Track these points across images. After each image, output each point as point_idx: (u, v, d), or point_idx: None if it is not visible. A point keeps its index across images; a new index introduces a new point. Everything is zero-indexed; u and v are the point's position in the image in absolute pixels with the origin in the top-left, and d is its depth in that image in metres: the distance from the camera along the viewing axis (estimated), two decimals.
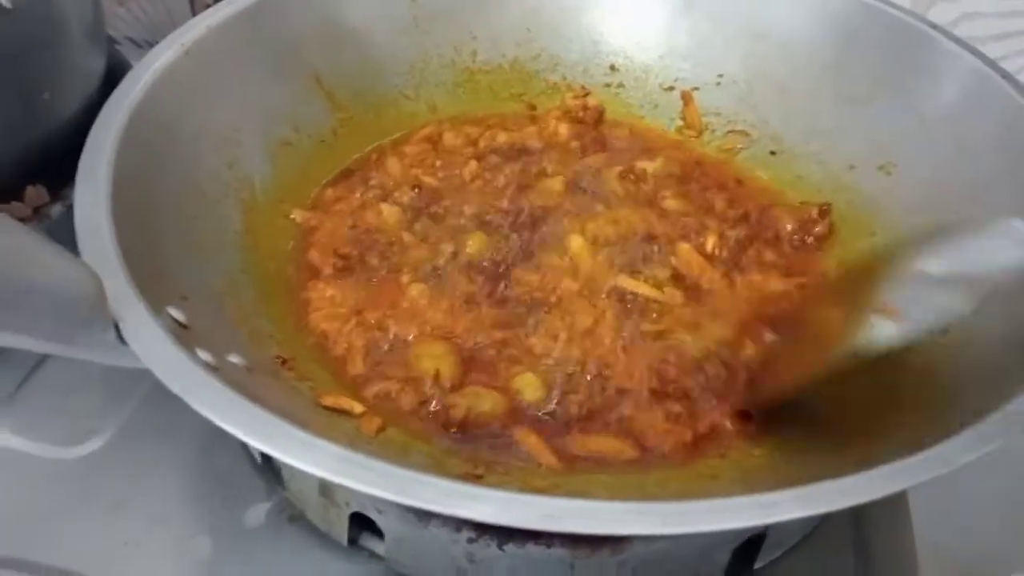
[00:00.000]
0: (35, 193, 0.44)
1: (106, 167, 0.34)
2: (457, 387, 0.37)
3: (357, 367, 0.38)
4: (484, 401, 0.36)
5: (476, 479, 0.33)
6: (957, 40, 0.43)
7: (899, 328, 0.31)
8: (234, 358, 0.33)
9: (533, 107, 0.52)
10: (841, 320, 0.35)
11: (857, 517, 0.39)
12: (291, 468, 0.35)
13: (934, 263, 0.32)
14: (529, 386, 0.36)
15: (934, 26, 0.45)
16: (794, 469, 0.34)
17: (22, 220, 0.43)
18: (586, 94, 0.52)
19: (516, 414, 0.36)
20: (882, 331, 0.31)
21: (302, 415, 0.31)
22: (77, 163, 0.34)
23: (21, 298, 0.25)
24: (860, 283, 0.35)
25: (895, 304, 0.32)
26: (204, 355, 0.30)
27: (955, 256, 0.32)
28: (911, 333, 0.31)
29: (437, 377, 0.37)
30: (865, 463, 0.26)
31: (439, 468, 0.34)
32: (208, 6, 0.59)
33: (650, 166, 0.47)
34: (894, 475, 0.26)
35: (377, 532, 0.35)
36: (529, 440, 0.36)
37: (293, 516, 0.37)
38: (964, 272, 0.31)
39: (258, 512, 0.37)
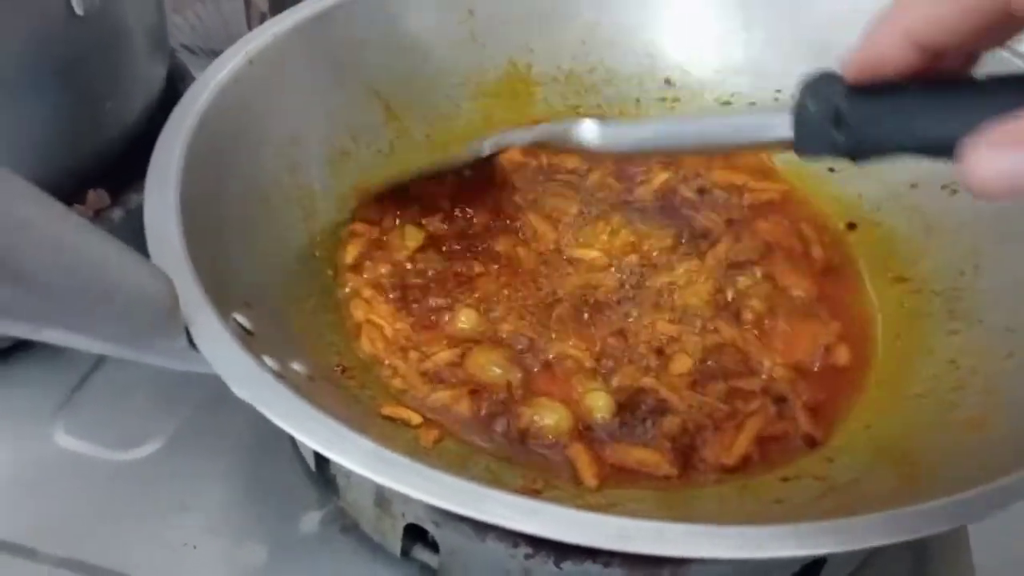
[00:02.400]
0: (96, 197, 0.45)
1: (175, 174, 0.35)
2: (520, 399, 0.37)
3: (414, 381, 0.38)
4: (551, 414, 0.36)
5: (535, 493, 0.33)
6: (1020, 55, 0.43)
7: None
8: (296, 366, 0.33)
9: None
10: None
11: (915, 545, 0.38)
12: (346, 477, 0.36)
13: None
14: (602, 404, 0.36)
15: (1008, 48, 0.44)
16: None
17: None
18: None
19: (579, 430, 0.36)
20: None
21: (362, 424, 0.31)
22: (137, 168, 0.35)
23: (100, 302, 0.25)
24: None
25: None
26: (270, 362, 0.30)
27: None
28: None
29: (508, 387, 0.37)
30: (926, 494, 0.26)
31: (497, 481, 0.33)
32: (263, 13, 0.61)
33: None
34: (968, 506, 0.26)
35: (431, 544, 0.35)
36: (581, 458, 0.35)
37: (346, 526, 0.37)
38: None
39: (311, 520, 0.37)
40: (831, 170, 0.49)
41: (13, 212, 0.22)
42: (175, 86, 0.50)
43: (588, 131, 0.36)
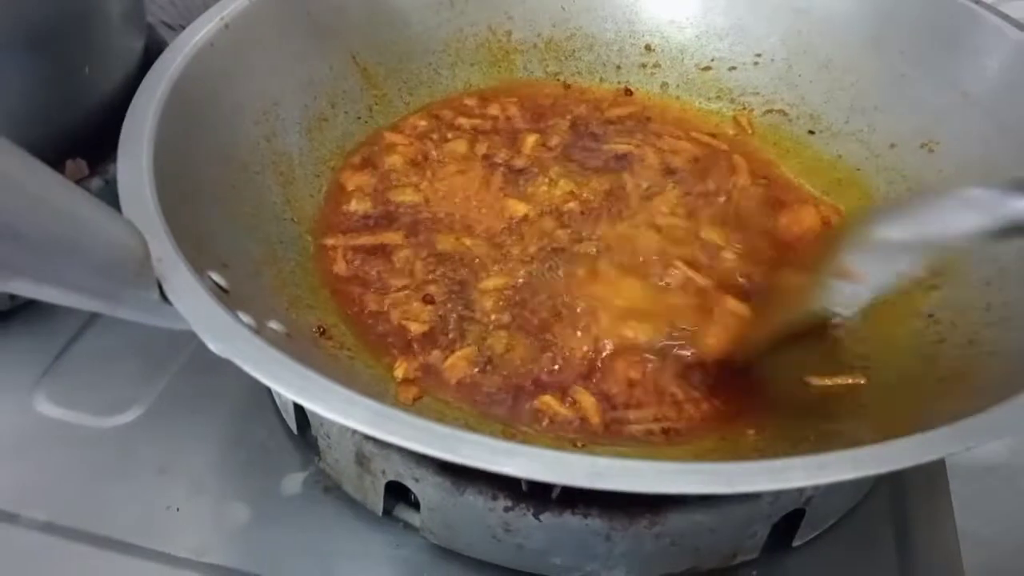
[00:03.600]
0: (75, 167, 0.45)
1: (148, 134, 0.34)
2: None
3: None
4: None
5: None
6: (1002, 15, 0.43)
7: (858, 289, 0.33)
8: (274, 325, 0.33)
9: (567, 86, 0.52)
10: (807, 285, 0.36)
11: (897, 504, 0.39)
12: (327, 438, 0.36)
13: (895, 229, 0.33)
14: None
15: (977, 1, 0.44)
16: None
17: None
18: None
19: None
20: (843, 292, 0.33)
21: (341, 381, 0.31)
22: (116, 139, 0.34)
23: (71, 252, 0.25)
24: (825, 250, 0.36)
25: (856, 267, 0.33)
26: (246, 318, 0.30)
27: (914, 222, 0.33)
28: (870, 294, 0.33)
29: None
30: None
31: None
32: None
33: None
34: (951, 437, 0.26)
35: (412, 503, 0.35)
36: (586, 399, 0.36)
37: (328, 487, 0.37)
38: (922, 236, 0.32)
39: (294, 482, 0.37)
40: (811, 132, 0.49)
41: None
42: (153, 60, 0.50)
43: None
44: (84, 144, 0.44)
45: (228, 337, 0.28)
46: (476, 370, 0.36)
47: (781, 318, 0.37)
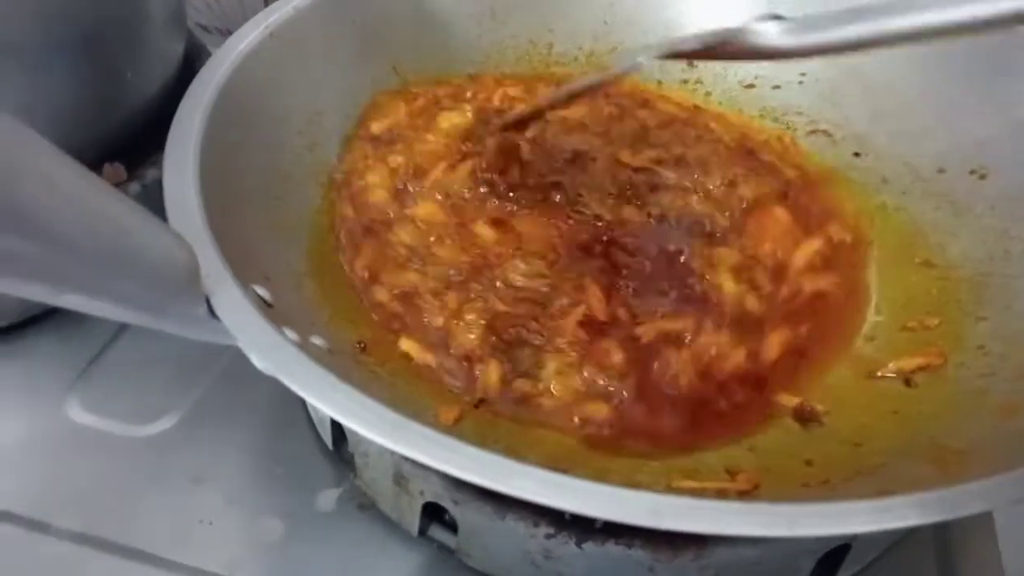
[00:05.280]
0: (113, 171, 0.44)
1: (194, 144, 0.34)
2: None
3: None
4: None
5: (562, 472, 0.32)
6: None
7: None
8: (316, 340, 0.32)
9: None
10: None
11: (941, 537, 0.38)
12: (364, 456, 0.35)
13: None
14: None
15: None
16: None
17: None
18: None
19: None
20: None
21: (381, 399, 0.31)
22: (154, 143, 0.34)
23: (122, 265, 0.25)
24: None
25: None
26: (290, 334, 0.29)
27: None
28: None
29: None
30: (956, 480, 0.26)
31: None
32: None
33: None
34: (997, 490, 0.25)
35: (448, 524, 0.35)
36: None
37: (363, 504, 0.37)
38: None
39: (328, 498, 0.37)
40: (856, 155, 0.48)
41: (38, 168, 0.21)
42: (192, 64, 0.50)
43: (769, 31, 0.33)
44: (122, 148, 0.44)
45: (275, 354, 0.27)
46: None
47: None
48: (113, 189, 0.26)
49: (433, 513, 0.35)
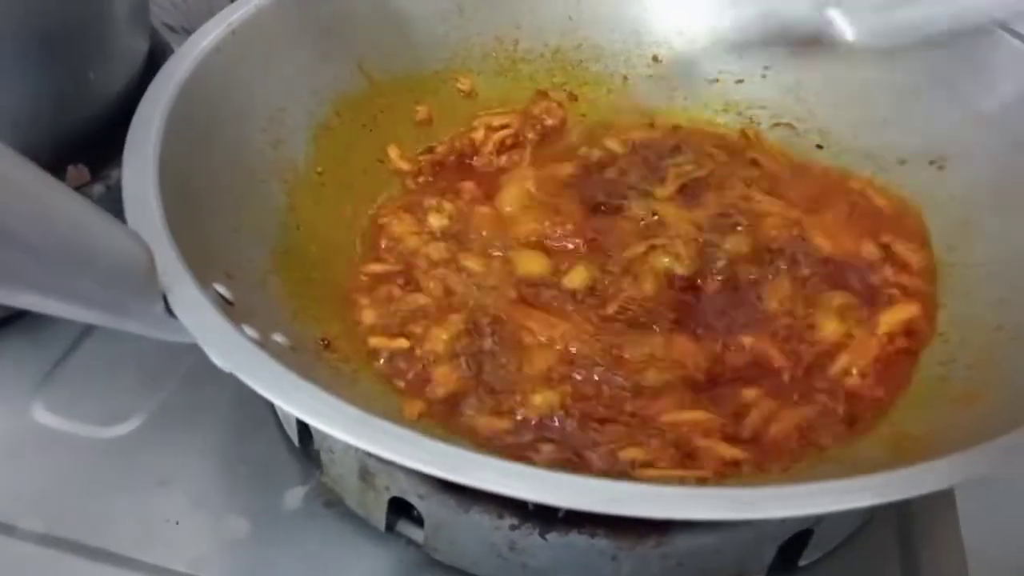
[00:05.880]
0: (76, 173, 0.44)
1: (154, 142, 0.34)
2: None
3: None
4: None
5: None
6: (1016, 33, 0.42)
7: None
8: (278, 337, 0.32)
9: (575, 97, 0.52)
10: None
11: (903, 522, 0.38)
12: (330, 452, 0.35)
13: None
14: None
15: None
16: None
17: None
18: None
19: None
20: None
21: (344, 395, 0.31)
22: (118, 144, 0.34)
23: (79, 264, 0.24)
24: None
25: None
26: (250, 331, 0.29)
27: None
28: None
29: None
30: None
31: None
32: None
33: None
34: (973, 462, 0.26)
35: (415, 519, 0.35)
36: None
37: (330, 501, 0.37)
38: None
39: (295, 496, 0.37)
40: (819, 147, 0.49)
41: None
42: (157, 64, 0.49)
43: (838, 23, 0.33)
44: (86, 149, 0.44)
45: (233, 352, 0.27)
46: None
47: None
48: (67, 188, 0.26)
49: (400, 508, 0.35)
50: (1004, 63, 0.42)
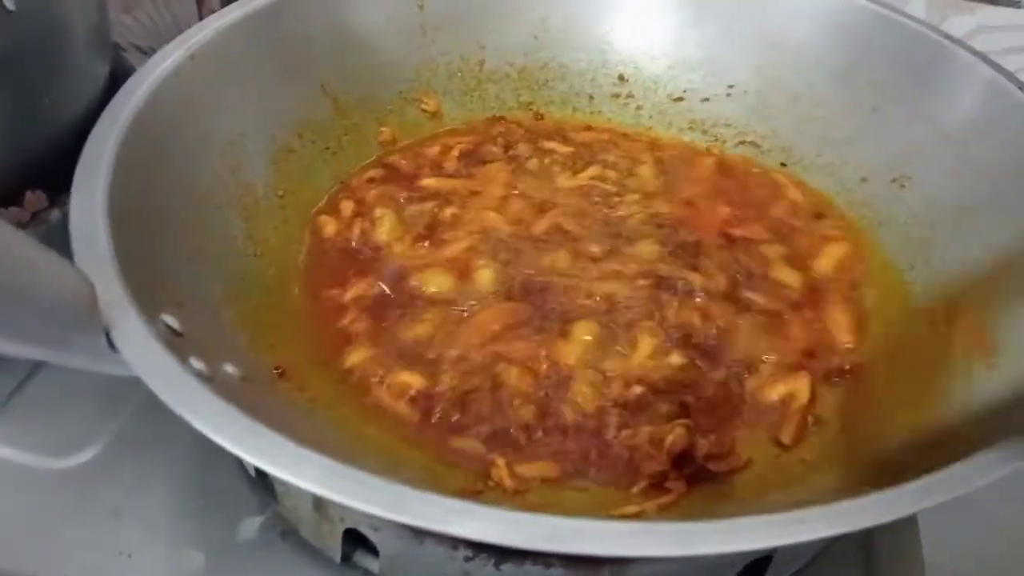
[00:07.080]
0: (34, 198, 0.43)
1: (105, 171, 0.33)
2: None
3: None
4: None
5: (475, 494, 0.32)
6: (973, 51, 0.43)
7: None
8: (229, 368, 0.32)
9: (541, 116, 0.52)
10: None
11: (865, 540, 0.38)
12: (284, 483, 0.35)
13: None
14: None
15: (949, 37, 0.44)
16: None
17: (20, 225, 0.42)
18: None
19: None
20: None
21: (297, 426, 0.31)
22: None
23: (15, 301, 0.24)
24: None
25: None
26: (198, 364, 0.29)
27: None
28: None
29: None
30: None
31: (437, 482, 0.33)
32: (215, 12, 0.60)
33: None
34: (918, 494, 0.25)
35: (371, 549, 0.34)
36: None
37: (286, 531, 0.36)
38: None
39: (251, 526, 0.36)
40: (783, 164, 0.49)
41: None
42: (119, 86, 0.49)
43: None
44: (45, 174, 0.43)
45: (176, 387, 0.27)
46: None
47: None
48: (3, 224, 0.25)
49: (356, 539, 0.34)
50: (960, 79, 0.43)
